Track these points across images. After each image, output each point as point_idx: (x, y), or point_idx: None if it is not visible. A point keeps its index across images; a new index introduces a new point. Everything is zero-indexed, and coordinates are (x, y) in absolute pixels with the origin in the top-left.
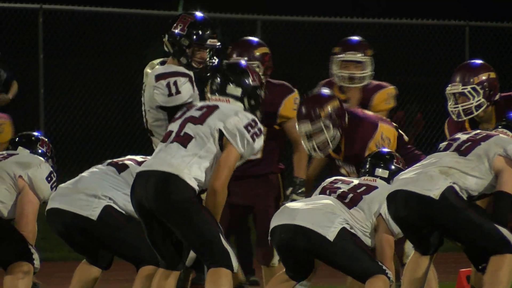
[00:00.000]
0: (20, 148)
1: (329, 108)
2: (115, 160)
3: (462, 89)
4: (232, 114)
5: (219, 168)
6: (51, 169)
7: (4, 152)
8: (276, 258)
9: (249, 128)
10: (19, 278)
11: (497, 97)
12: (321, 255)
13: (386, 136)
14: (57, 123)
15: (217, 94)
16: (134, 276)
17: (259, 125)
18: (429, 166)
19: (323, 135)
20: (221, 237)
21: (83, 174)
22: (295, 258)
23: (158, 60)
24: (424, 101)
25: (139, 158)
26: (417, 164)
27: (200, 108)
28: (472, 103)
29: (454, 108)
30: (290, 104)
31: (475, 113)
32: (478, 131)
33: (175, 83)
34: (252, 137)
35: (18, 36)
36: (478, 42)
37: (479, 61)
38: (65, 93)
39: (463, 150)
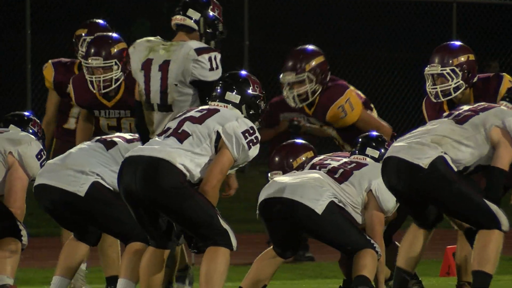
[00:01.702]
0: (12, 126)
1: (314, 63)
2: (103, 137)
3: (441, 70)
4: (232, 119)
5: (211, 169)
6: (41, 147)
7: None
8: None
9: (247, 134)
10: (6, 257)
11: (475, 79)
12: (309, 229)
13: (352, 103)
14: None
15: (217, 101)
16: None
17: (257, 133)
18: (423, 133)
19: (305, 87)
20: (218, 217)
21: (71, 150)
22: (283, 233)
23: (157, 38)
24: (411, 78)
25: (127, 135)
26: (413, 131)
27: (201, 110)
28: (450, 85)
29: (432, 89)
30: None
31: (453, 95)
32: (482, 102)
33: (215, 57)
34: (248, 144)
35: (5, 12)
36: (465, 18)
37: (458, 43)
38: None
39: (461, 119)
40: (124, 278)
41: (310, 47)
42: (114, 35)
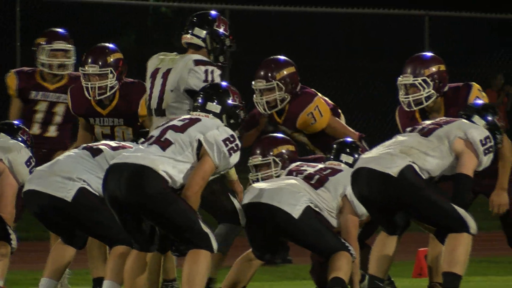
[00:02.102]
0: (1, 134)
1: (285, 72)
2: (89, 144)
3: (413, 80)
4: (213, 127)
5: (193, 176)
6: (30, 155)
7: None
8: None
9: (227, 142)
10: None
11: (446, 88)
12: (287, 233)
13: (321, 110)
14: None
15: (198, 110)
16: None
17: (237, 141)
18: (391, 145)
19: (274, 94)
20: (199, 221)
21: (59, 157)
22: (261, 236)
23: (173, 54)
24: (385, 88)
25: (113, 143)
26: (381, 144)
27: (183, 119)
28: (422, 94)
29: (405, 98)
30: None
31: (425, 104)
32: (444, 117)
33: (212, 72)
34: (229, 151)
35: None
36: (437, 31)
37: (430, 54)
38: None
39: (425, 132)
40: (110, 280)
41: (282, 57)
42: (111, 45)
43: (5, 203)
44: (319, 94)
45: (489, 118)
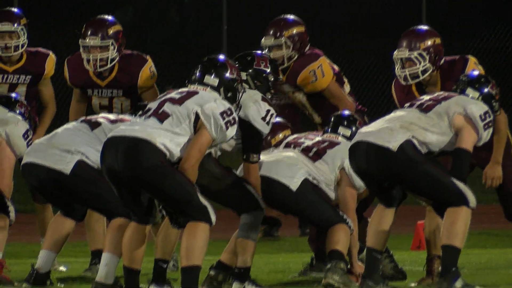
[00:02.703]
0: None
1: (294, 31)
2: (88, 117)
3: (409, 54)
4: (211, 100)
5: (190, 149)
6: (28, 128)
7: None
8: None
9: (224, 115)
10: None
11: (442, 61)
12: (285, 205)
13: (324, 70)
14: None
15: (196, 84)
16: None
17: (235, 114)
18: (390, 120)
19: (281, 52)
20: (197, 194)
21: (57, 130)
22: None
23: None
24: (382, 65)
25: (111, 116)
26: (380, 119)
27: (180, 92)
28: (418, 68)
29: (401, 72)
30: (146, 75)
31: (421, 77)
32: (441, 92)
33: (272, 115)
34: (226, 124)
35: None
36: (435, 5)
37: (425, 27)
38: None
39: (425, 108)
40: (108, 252)
41: (293, 17)
42: (110, 17)
43: (3, 175)
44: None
45: (483, 89)
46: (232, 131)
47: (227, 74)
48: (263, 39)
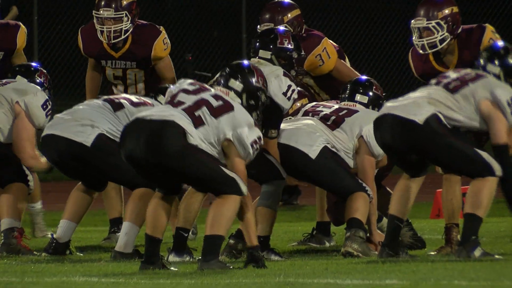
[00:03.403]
0: (18, 77)
1: (290, 15)
2: (110, 97)
3: (427, 23)
4: (244, 125)
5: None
6: (47, 98)
7: (3, 80)
8: None
9: (254, 144)
10: (14, 201)
11: (459, 30)
12: (304, 173)
13: (328, 52)
14: (51, 49)
15: (221, 86)
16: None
17: (262, 141)
18: (418, 96)
19: None
20: (223, 168)
21: (78, 106)
22: None
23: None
24: (401, 29)
25: (134, 98)
26: (406, 95)
27: (216, 97)
28: (436, 37)
29: (419, 41)
30: (160, 46)
31: (439, 47)
32: (468, 70)
33: (293, 91)
34: (253, 152)
35: None
36: None
37: None
38: (59, 19)
39: (452, 88)
40: (129, 222)
41: (287, 1)
42: None
43: (22, 145)
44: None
45: (505, 61)
46: (256, 153)
47: (253, 81)
48: (259, 26)
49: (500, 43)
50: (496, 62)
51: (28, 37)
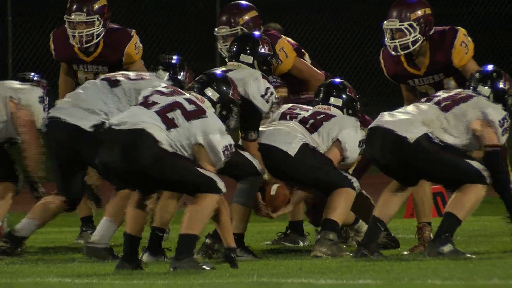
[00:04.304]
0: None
1: (247, 17)
2: (108, 75)
3: (399, 25)
4: (215, 130)
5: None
6: (43, 93)
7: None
8: None
9: (225, 150)
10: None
11: (431, 31)
12: (285, 172)
13: (286, 51)
14: (25, 50)
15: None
16: None
17: (233, 148)
18: (412, 113)
19: None
20: (199, 169)
21: (78, 90)
22: None
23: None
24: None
25: (131, 74)
26: (402, 108)
27: (190, 101)
28: (409, 39)
29: (391, 42)
30: (131, 51)
31: (412, 48)
32: (459, 90)
33: (272, 94)
34: (223, 152)
35: None
36: None
37: None
38: (33, 21)
39: (444, 107)
40: (107, 219)
41: (244, 2)
42: None
43: (27, 142)
44: (282, 35)
45: (496, 85)
46: (226, 161)
47: (228, 93)
48: (216, 29)
49: (490, 67)
50: (488, 84)
51: (2, 38)
